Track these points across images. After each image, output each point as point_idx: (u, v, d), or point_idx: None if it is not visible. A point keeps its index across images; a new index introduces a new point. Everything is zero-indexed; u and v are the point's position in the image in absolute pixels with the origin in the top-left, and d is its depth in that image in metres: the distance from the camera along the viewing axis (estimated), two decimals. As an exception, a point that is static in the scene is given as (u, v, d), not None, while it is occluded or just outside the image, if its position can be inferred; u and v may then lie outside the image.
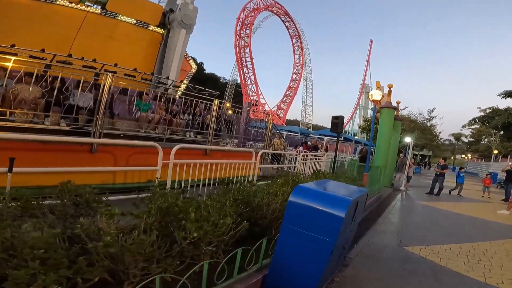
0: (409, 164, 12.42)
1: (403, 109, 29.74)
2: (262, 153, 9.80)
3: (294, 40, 63.73)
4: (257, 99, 48.33)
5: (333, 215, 2.23)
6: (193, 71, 13.17)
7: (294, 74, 63.64)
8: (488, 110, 24.28)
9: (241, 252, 2.46)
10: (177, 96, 11.12)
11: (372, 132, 8.92)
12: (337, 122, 9.10)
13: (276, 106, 59.24)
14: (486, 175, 12.93)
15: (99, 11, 9.10)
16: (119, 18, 9.53)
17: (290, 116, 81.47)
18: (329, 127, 9.30)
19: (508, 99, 21.11)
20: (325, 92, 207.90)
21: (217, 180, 4.68)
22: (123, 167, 5.11)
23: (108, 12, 9.19)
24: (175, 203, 2.60)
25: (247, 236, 2.93)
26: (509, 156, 35.75)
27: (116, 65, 7.40)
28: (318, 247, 2.31)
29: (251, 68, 48.35)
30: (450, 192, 11.64)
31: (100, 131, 5.44)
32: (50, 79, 5.51)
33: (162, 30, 10.80)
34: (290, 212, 2.44)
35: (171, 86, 10.04)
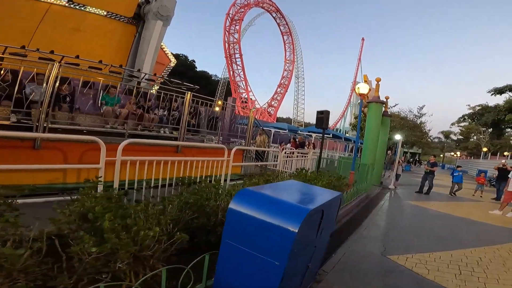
0: (399, 162, 12.01)
1: (393, 106, 29.56)
2: (243, 150, 9.22)
3: (285, 37, 63.38)
4: (246, 96, 47.69)
5: (283, 230, 1.63)
6: (172, 64, 12.46)
7: (285, 71, 63.46)
8: (478, 108, 24.17)
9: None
10: (153, 90, 10.50)
11: (359, 128, 8.39)
12: (322, 117, 8.55)
13: (266, 103, 58.77)
14: (480, 173, 12.52)
15: (64, 2, 8.60)
16: (88, 9, 9.01)
17: (282, 114, 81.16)
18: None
19: (498, 96, 21.06)
20: (318, 90, 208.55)
21: (187, 180, 4.19)
22: (63, 164, 4.45)
23: (75, 3, 8.66)
24: (93, 208, 2.04)
25: (200, 247, 2.51)
26: (498, 154, 36.08)
27: (77, 57, 6.75)
28: (265, 272, 1.71)
29: (241, 65, 47.71)
30: (451, 194, 11.09)
31: (45, 125, 4.79)
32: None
33: (136, 22, 10.27)
34: (231, 223, 1.84)
35: (144, 79, 9.38)
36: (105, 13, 9.35)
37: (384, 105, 12.15)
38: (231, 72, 47.35)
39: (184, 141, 7.10)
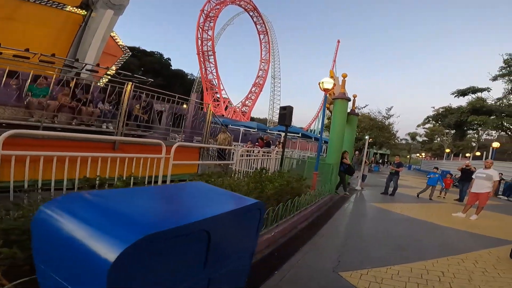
0: (365, 162, 11.75)
1: (364, 107, 30.03)
2: (200, 148, 8.36)
3: (261, 36, 63.16)
4: (219, 95, 46.67)
5: (95, 261, 0.87)
6: (127, 56, 11.36)
7: (260, 71, 63.29)
8: (441, 110, 25.06)
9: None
10: (100, 83, 9.53)
11: (323, 125, 7.86)
12: (285, 113, 7.94)
13: (240, 103, 58.13)
14: (447, 174, 12.59)
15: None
16: (26, -2, 8.12)
17: (258, 114, 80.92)
18: (295, 124, 8.39)
19: (461, 97, 21.95)
20: (294, 90, 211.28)
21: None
22: None
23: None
24: None
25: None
26: (460, 155, 38.13)
27: (-1, 44, 5.87)
28: None
29: (214, 63, 46.55)
30: (430, 198, 10.58)
31: None
32: None
33: (83, 11, 9.33)
34: (39, 241, 1.05)
35: (85, 70, 8.38)
36: (45, 1, 8.55)
37: (350, 102, 11.84)
38: (203, 70, 46.06)
39: (122, 136, 6.17)
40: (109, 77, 9.26)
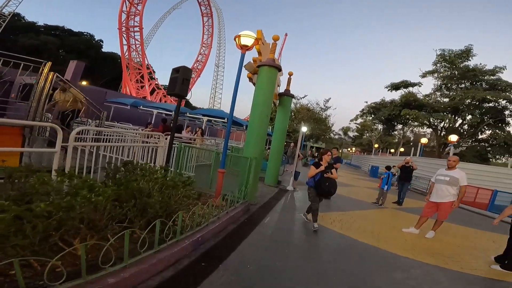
0: (298, 156, 9.51)
1: (302, 97, 28.90)
2: (22, 128, 4.82)
3: (205, 19, 58.79)
4: (143, 75, 41.01)
5: None
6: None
7: (200, 55, 59.15)
8: (372, 104, 25.15)
9: None
10: None
11: (234, 99, 5.07)
12: (176, 77, 4.93)
13: None
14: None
15: None
16: None
17: (200, 104, 76.31)
18: (237, 115, 5.44)
19: (394, 92, 22.10)
20: (241, 82, 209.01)
21: None
22: None
23: None
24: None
25: None
26: (388, 150, 40.80)
27: None
28: None
29: (140, 40, 40.58)
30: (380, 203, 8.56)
31: None
32: None
33: None
34: None
35: None
36: None
37: (283, 77, 9.43)
38: (126, 47, 39.73)
39: None
40: None
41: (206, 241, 3.66)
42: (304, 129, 11.75)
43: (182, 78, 4.84)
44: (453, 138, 14.46)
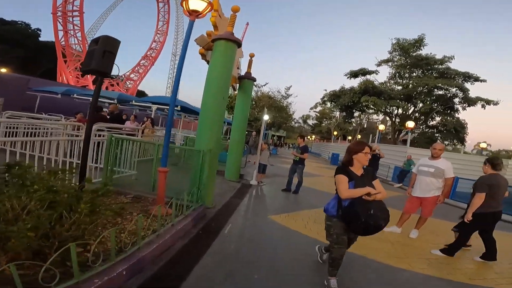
0: (265, 146, 8.52)
1: (264, 85, 27.97)
2: None
3: (160, 5, 54.85)
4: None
5: None
6: None
7: (154, 43, 55.71)
8: (331, 92, 25.24)
9: None
10: None
11: (179, 74, 3.83)
12: (93, 50, 3.52)
13: (123, 76, 49.43)
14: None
15: None
16: None
17: (155, 93, 71.70)
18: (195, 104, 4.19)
19: (353, 79, 22.31)
20: (198, 72, 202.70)
21: None
22: None
23: None
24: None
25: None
26: (347, 138, 42.11)
27: None
28: None
29: (79, 25, 36.12)
30: None
31: None
32: None
33: None
34: None
35: None
36: None
37: (243, 59, 8.29)
38: (63, 33, 35.14)
39: None
40: None
41: (138, 273, 2.49)
42: (266, 117, 10.79)
43: (102, 51, 3.42)
44: (410, 124, 14.80)
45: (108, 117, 7.73)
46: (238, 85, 8.46)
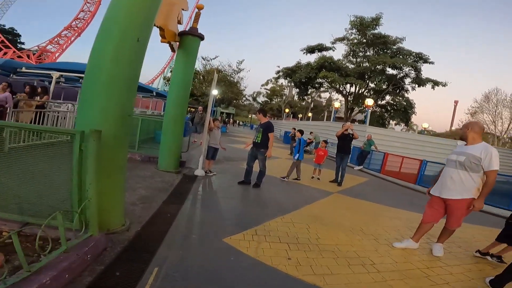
0: (213, 124, 6.36)
1: (213, 58, 25.15)
2: None
3: None
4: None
5: None
6: None
7: (82, 12, 47.37)
8: (284, 68, 23.95)
9: None
10: None
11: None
12: None
13: (36, 47, 42.04)
14: (321, 142, 8.59)
15: None
16: None
17: None
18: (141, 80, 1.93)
19: (309, 55, 21.14)
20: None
21: None
22: None
23: None
24: None
25: None
26: (299, 115, 41.64)
27: None
28: None
29: None
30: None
31: None
32: None
33: None
34: None
35: None
36: None
37: (185, 5, 5.90)
38: None
39: None
40: None
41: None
42: (215, 92, 8.54)
43: None
44: (370, 102, 14.15)
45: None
46: (177, 43, 6.03)
